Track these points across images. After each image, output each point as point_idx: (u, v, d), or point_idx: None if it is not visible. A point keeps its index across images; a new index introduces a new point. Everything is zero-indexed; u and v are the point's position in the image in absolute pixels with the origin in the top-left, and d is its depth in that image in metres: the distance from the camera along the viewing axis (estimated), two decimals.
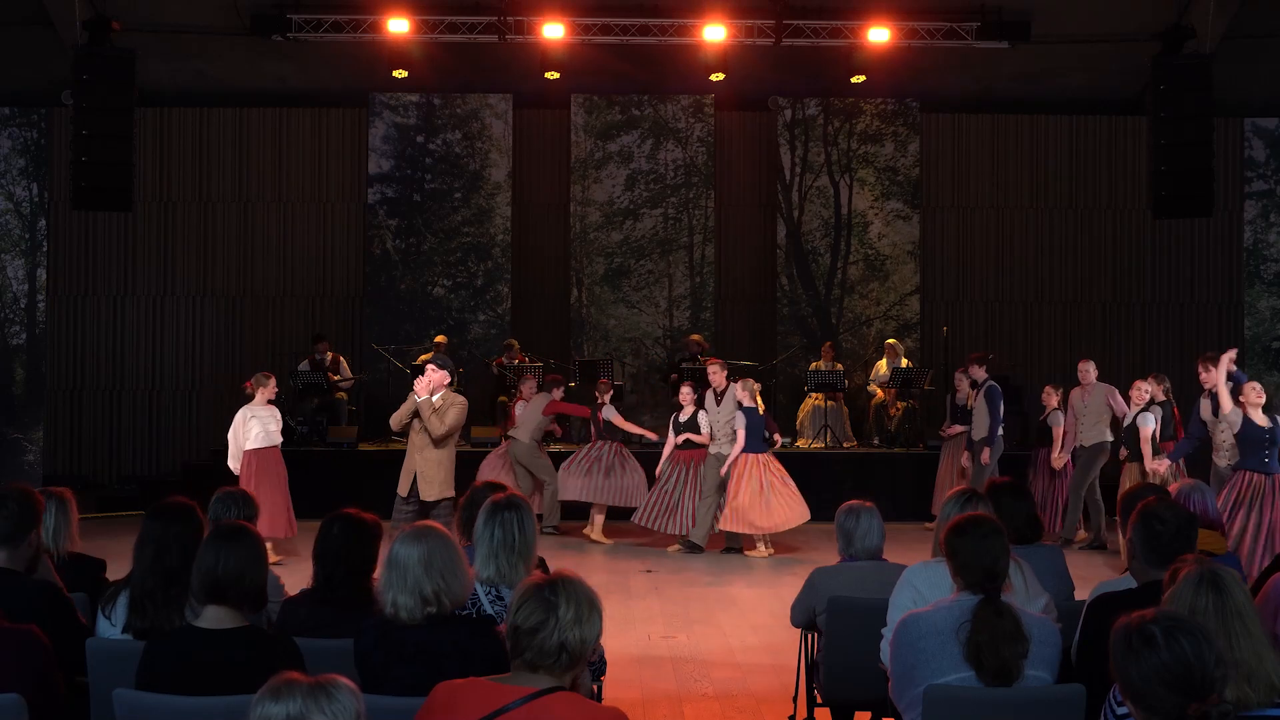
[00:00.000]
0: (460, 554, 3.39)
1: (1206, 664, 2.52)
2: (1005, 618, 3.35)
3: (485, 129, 15.50)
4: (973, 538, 3.49)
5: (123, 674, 3.45)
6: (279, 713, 2.29)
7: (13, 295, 15.48)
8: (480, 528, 3.85)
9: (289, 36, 14.10)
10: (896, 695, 3.60)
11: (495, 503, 3.90)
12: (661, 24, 14.16)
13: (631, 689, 6.31)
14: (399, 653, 3.29)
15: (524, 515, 3.88)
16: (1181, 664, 2.51)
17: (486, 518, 3.84)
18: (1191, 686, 2.50)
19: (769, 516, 10.38)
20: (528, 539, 3.85)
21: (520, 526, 3.84)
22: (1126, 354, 15.78)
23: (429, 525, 3.44)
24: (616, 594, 8.82)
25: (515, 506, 3.88)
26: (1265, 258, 15.70)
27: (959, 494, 4.36)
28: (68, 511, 4.64)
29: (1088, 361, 11.31)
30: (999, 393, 11.36)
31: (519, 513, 3.87)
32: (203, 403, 15.38)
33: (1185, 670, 2.51)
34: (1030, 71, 15.19)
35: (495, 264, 15.47)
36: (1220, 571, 2.96)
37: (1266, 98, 15.43)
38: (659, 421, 13.29)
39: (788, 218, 15.53)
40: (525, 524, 3.86)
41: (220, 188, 15.63)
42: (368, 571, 3.93)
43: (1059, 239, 15.86)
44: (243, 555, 3.40)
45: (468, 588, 3.36)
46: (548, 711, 2.60)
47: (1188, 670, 2.51)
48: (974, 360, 11.83)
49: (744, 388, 10.52)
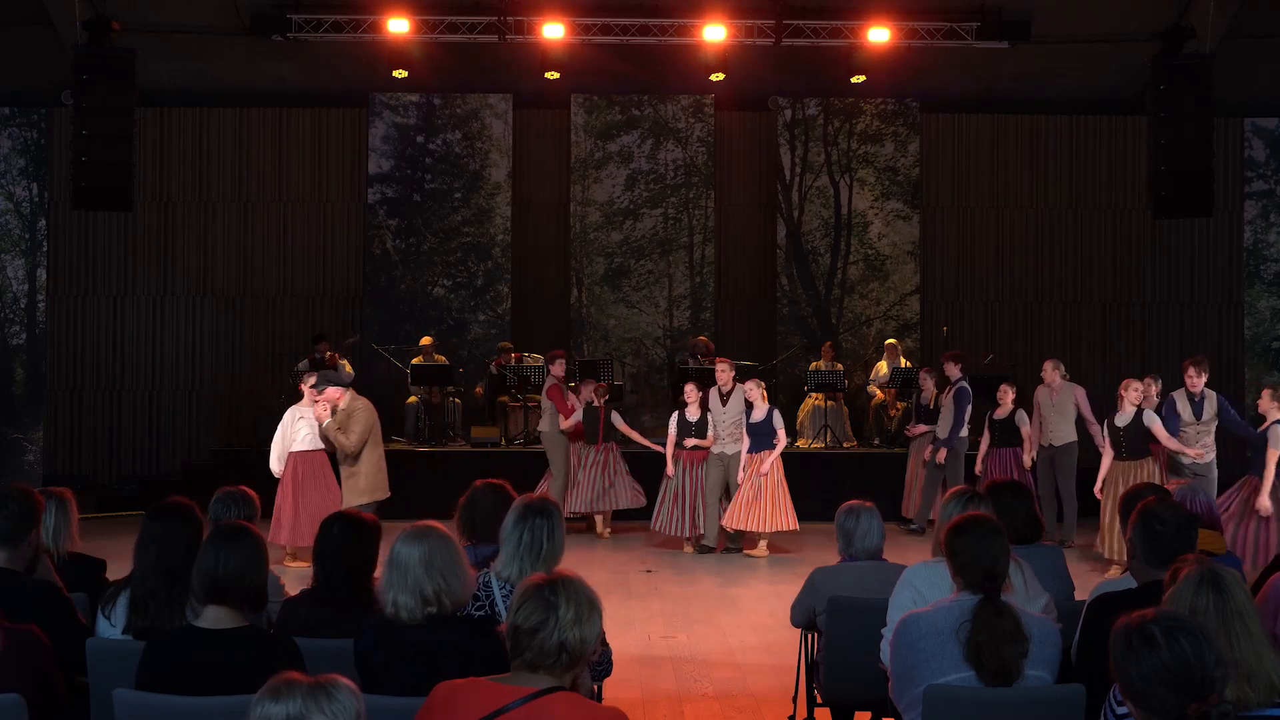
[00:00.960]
0: (461, 554, 3.39)
1: (1206, 664, 2.52)
2: (1005, 618, 3.35)
3: (485, 129, 15.50)
4: (973, 538, 3.49)
5: (123, 674, 3.45)
6: (279, 713, 2.29)
7: (13, 295, 15.48)
8: (510, 526, 3.84)
9: (289, 36, 14.10)
10: (896, 695, 3.60)
11: (528, 505, 3.87)
12: (661, 24, 14.16)
13: (631, 689, 6.31)
14: (399, 653, 3.29)
15: (555, 523, 3.86)
16: (1181, 664, 2.51)
17: (517, 519, 3.84)
18: (1191, 686, 2.50)
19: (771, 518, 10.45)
20: (555, 546, 3.84)
21: (550, 534, 3.82)
22: (1126, 354, 15.78)
23: (430, 525, 3.43)
24: (616, 594, 8.82)
25: (548, 514, 3.86)
26: (1265, 258, 15.70)
27: (959, 494, 4.36)
28: (68, 511, 4.64)
29: (1054, 360, 11.27)
30: (968, 395, 11.38)
31: (550, 520, 3.85)
32: (203, 403, 15.39)
33: (1185, 670, 2.51)
34: (1030, 71, 15.19)
35: (495, 264, 15.47)
36: (1221, 571, 2.96)
37: (1266, 98, 15.43)
38: (659, 422, 13.30)
39: (788, 218, 15.53)
40: (555, 532, 3.84)
41: (220, 188, 15.63)
42: (368, 572, 3.93)
43: (1059, 239, 15.86)
44: (243, 555, 3.40)
45: (469, 588, 3.35)
46: (548, 711, 2.60)
47: (1188, 670, 2.51)
48: (949, 358, 11.74)
49: (756, 386, 10.57)
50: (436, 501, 11.65)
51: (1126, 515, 4.03)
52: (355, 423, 9.02)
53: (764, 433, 10.48)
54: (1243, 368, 15.25)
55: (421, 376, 13.66)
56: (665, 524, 10.74)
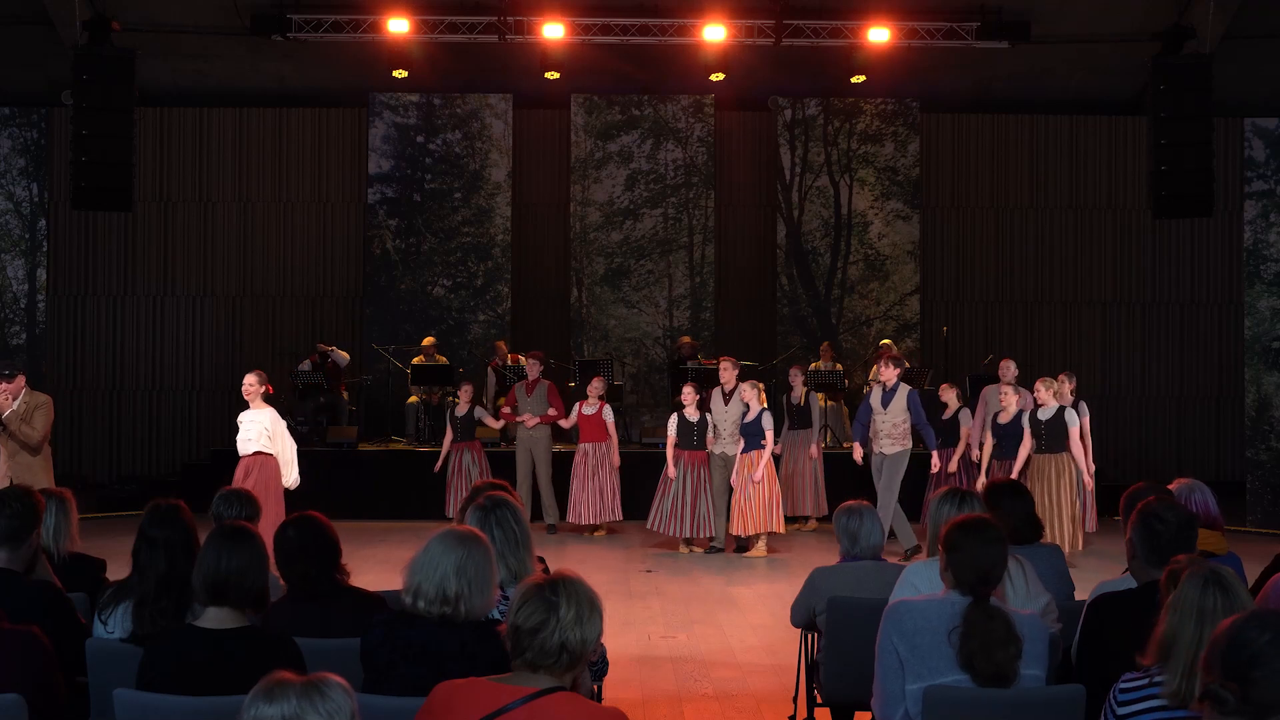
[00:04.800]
0: (493, 573, 3.33)
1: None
2: (996, 620, 3.35)
3: (485, 129, 15.49)
4: (977, 540, 3.47)
5: (123, 674, 3.45)
6: (274, 714, 2.27)
7: (13, 295, 15.48)
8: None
9: (289, 36, 14.09)
10: (882, 684, 3.52)
11: (481, 506, 3.87)
12: (661, 24, 14.16)
13: (631, 689, 6.31)
14: (405, 652, 3.29)
15: (514, 508, 3.90)
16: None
17: (480, 522, 3.80)
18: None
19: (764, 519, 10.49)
20: (525, 530, 3.89)
21: (516, 519, 3.86)
22: (1126, 354, 15.79)
23: (475, 534, 3.37)
24: (617, 594, 8.82)
25: (503, 504, 3.89)
26: (1265, 258, 15.69)
27: (951, 493, 4.35)
28: (68, 511, 4.64)
29: (1009, 360, 11.14)
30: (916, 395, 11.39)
31: (510, 509, 3.88)
32: (203, 403, 15.39)
33: None
34: (1030, 71, 15.20)
35: (495, 264, 15.46)
36: (1222, 571, 2.96)
37: (1266, 98, 15.43)
38: (658, 422, 13.30)
39: (788, 218, 15.53)
40: (519, 515, 3.89)
41: (220, 188, 15.63)
42: (337, 561, 3.97)
43: (1059, 239, 15.86)
44: (245, 555, 3.40)
45: (488, 605, 3.31)
46: (548, 711, 2.60)
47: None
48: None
49: (751, 388, 10.55)
50: (437, 501, 11.75)
51: (1127, 515, 4.02)
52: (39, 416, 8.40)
53: (754, 433, 10.48)
54: (1243, 368, 15.24)
55: (421, 376, 13.66)
56: (663, 524, 10.73)
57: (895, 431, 10.46)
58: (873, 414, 10.58)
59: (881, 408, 10.50)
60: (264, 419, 8.67)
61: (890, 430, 10.47)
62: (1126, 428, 15.65)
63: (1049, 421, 9.84)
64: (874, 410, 10.57)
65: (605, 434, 11.38)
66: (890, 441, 10.47)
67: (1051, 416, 9.84)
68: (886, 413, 10.47)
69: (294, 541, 3.94)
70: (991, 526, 3.55)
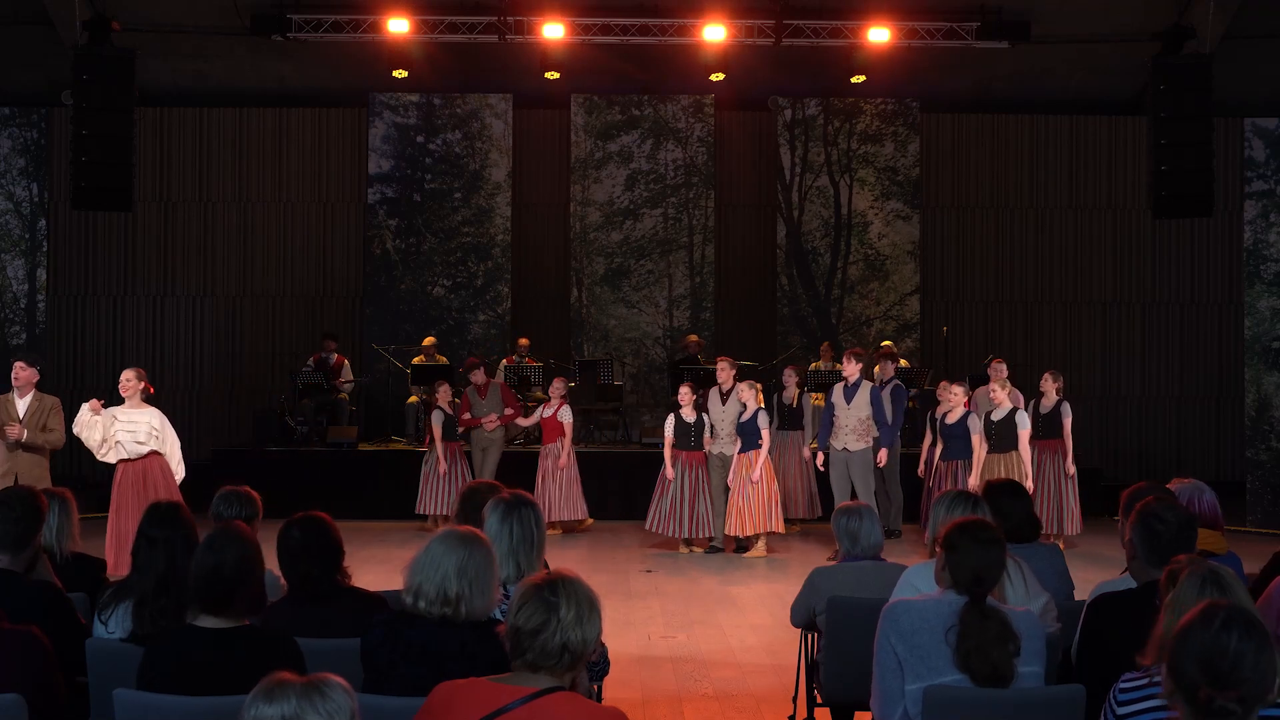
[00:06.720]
0: (495, 573, 3.33)
1: (1242, 662, 2.44)
2: (991, 620, 3.35)
3: (485, 129, 15.50)
4: (978, 541, 3.47)
5: (123, 674, 3.45)
6: (274, 714, 2.27)
7: (13, 295, 15.47)
8: (496, 525, 3.81)
9: (289, 36, 14.10)
10: (880, 685, 3.53)
11: (507, 501, 3.86)
12: (661, 24, 14.16)
13: (631, 689, 6.31)
14: (405, 652, 3.29)
15: (537, 511, 3.89)
16: (1220, 650, 2.44)
17: (502, 516, 3.81)
18: (1216, 675, 2.44)
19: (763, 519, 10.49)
20: (542, 533, 3.88)
21: (536, 522, 3.85)
22: (1126, 354, 15.79)
23: (477, 534, 3.36)
24: (616, 594, 8.81)
25: (528, 503, 3.87)
26: (1265, 258, 15.69)
27: (955, 495, 4.35)
28: (69, 512, 4.64)
29: (1001, 361, 11.07)
30: (904, 392, 11.52)
31: (533, 509, 3.87)
32: (203, 403, 15.38)
33: (1219, 657, 2.44)
34: (1030, 71, 15.20)
35: (495, 264, 15.46)
36: (1220, 571, 2.96)
37: (1266, 98, 15.43)
38: (658, 422, 13.29)
39: (788, 218, 15.53)
40: (540, 519, 3.88)
41: (220, 188, 15.63)
42: (339, 563, 3.96)
43: (1059, 239, 15.86)
44: (243, 555, 3.40)
45: (489, 606, 3.31)
46: (548, 711, 2.60)
47: (1221, 657, 2.44)
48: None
49: (749, 387, 10.54)
50: None
51: (1127, 515, 4.02)
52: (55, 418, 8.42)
53: (751, 433, 10.47)
54: (1243, 368, 15.24)
55: (422, 376, 13.66)
56: (661, 525, 10.72)
57: (860, 427, 10.52)
58: (835, 411, 10.60)
59: (845, 403, 10.54)
60: (149, 418, 8.46)
61: (856, 425, 10.51)
62: (1126, 428, 15.66)
63: (1000, 423, 10.08)
64: (836, 407, 10.61)
65: (560, 434, 11.41)
66: (855, 438, 10.51)
67: (1003, 418, 10.09)
68: (850, 408, 10.52)
69: (298, 541, 3.92)
70: (990, 528, 3.55)
